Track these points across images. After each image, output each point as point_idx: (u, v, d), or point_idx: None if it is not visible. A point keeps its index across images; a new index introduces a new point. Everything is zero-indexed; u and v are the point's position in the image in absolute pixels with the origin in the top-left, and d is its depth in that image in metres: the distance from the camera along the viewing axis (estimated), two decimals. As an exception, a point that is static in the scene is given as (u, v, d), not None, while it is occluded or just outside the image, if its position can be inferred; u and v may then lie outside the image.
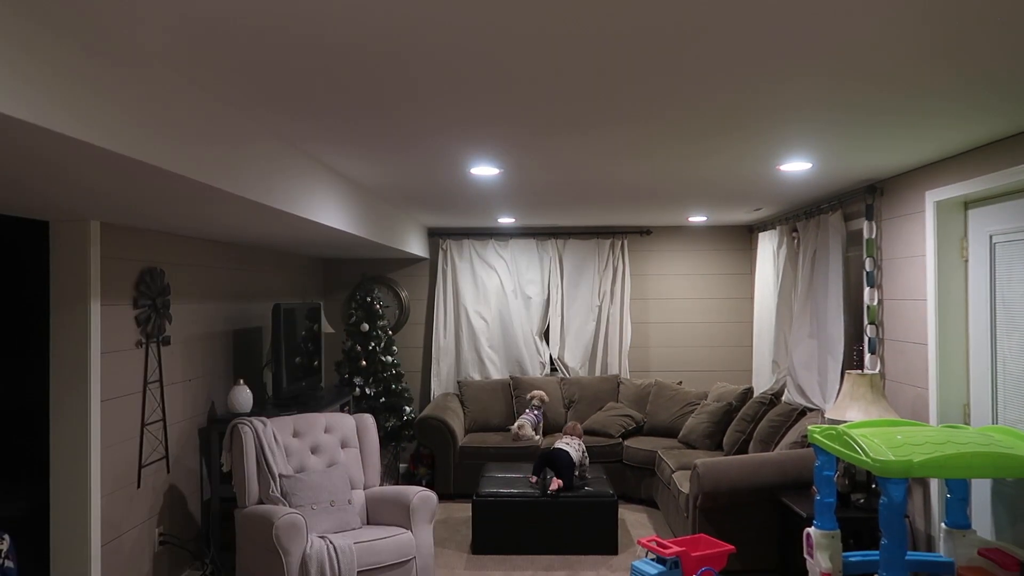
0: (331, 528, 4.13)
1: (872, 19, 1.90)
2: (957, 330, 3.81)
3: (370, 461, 4.63)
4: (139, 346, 4.01)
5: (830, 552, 3.47)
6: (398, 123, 2.93)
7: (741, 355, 7.21)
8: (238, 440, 4.13)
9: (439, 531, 5.45)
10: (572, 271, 7.19)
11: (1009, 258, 3.44)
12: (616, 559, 4.90)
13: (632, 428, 6.48)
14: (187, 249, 4.54)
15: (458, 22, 1.89)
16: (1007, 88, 2.54)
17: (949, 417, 3.80)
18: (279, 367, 5.03)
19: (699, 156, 3.65)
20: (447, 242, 7.20)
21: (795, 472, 4.46)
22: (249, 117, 2.82)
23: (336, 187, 4.08)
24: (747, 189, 4.77)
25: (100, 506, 3.64)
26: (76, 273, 3.55)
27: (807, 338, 5.29)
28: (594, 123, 2.96)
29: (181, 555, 4.48)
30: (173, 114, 2.29)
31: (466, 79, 2.36)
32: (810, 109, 2.77)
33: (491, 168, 3.92)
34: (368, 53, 2.11)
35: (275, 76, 2.31)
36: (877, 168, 4.05)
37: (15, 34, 1.62)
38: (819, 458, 3.54)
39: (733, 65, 2.25)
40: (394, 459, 6.67)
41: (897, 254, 4.27)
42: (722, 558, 4.05)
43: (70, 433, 3.55)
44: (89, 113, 1.87)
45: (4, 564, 2.97)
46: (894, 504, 2.91)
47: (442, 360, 7.17)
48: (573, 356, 7.17)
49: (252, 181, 2.91)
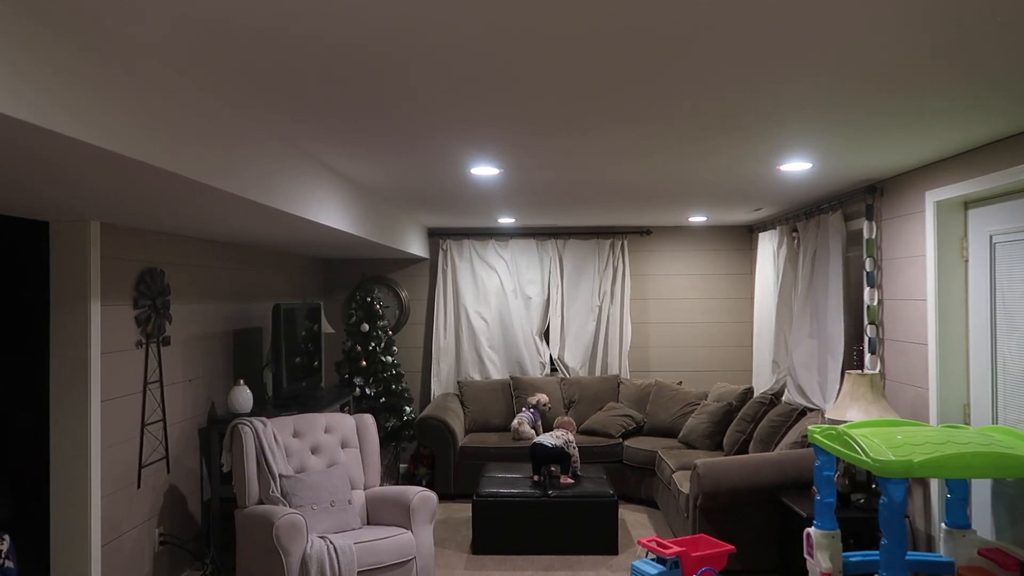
0: (331, 528, 4.13)
1: (872, 19, 1.90)
2: (957, 330, 3.81)
3: (370, 461, 4.63)
4: (139, 346, 4.01)
5: (830, 552, 3.47)
6: (398, 123, 2.94)
7: (741, 355, 7.21)
8: (238, 440, 4.13)
9: (439, 531, 5.45)
10: (572, 271, 7.19)
11: (1009, 258, 3.44)
12: (616, 559, 4.90)
13: (632, 428, 6.48)
14: (187, 249, 4.54)
15: (458, 22, 1.89)
16: (1007, 88, 2.54)
17: (949, 417, 3.80)
18: (279, 367, 5.03)
19: (699, 156, 3.65)
20: (447, 242, 7.20)
21: (795, 472, 4.46)
22: (249, 117, 2.82)
23: (336, 187, 4.08)
24: (747, 189, 4.77)
25: (100, 506, 3.64)
26: (76, 273, 3.55)
27: (807, 338, 5.29)
28: (594, 123, 2.96)
29: (181, 555, 4.48)
30: (173, 114, 2.29)
31: (466, 79, 2.36)
32: (810, 109, 2.77)
33: (491, 168, 3.93)
34: (368, 53, 2.11)
35: (275, 76, 2.31)
36: (877, 168, 4.05)
37: (15, 34, 1.62)
38: (819, 458, 3.54)
39: (733, 65, 2.25)
40: (394, 459, 6.67)
41: (897, 254, 4.27)
42: (722, 558, 4.05)
43: (70, 433, 3.55)
44: (89, 113, 1.87)
45: (4, 564, 2.97)
46: (894, 504, 2.91)
47: (442, 360, 7.17)
48: (573, 356, 7.16)
49: (252, 181, 2.91)
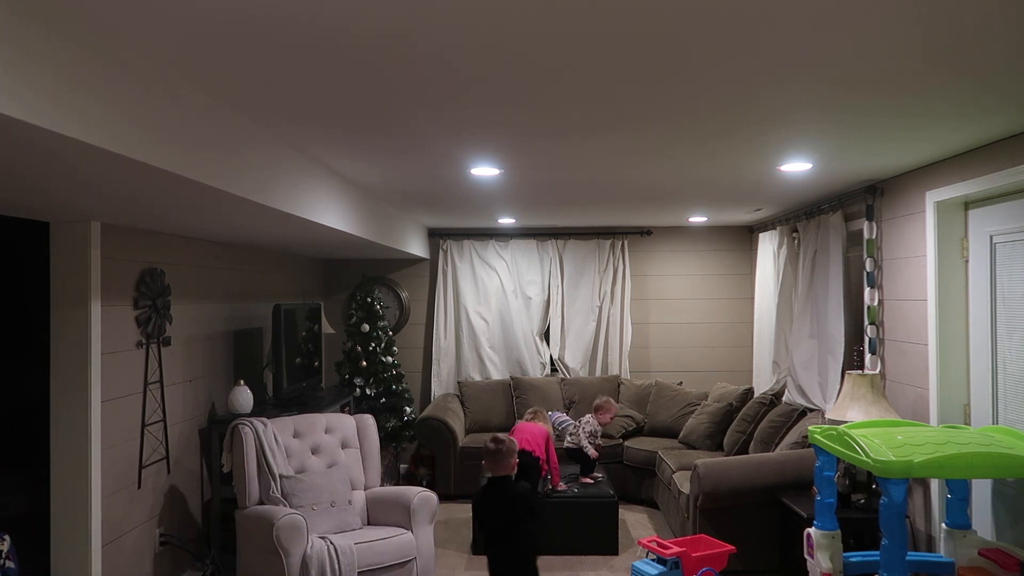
0: (331, 529, 4.12)
1: (872, 20, 1.90)
2: (957, 330, 3.81)
3: (370, 462, 4.63)
4: (139, 347, 4.01)
5: (830, 552, 3.47)
6: (399, 124, 2.94)
7: (741, 356, 7.21)
8: (238, 441, 4.13)
9: (440, 532, 5.45)
10: (572, 271, 7.19)
11: (1009, 258, 3.44)
12: (617, 559, 4.90)
13: (632, 429, 6.48)
14: (188, 250, 4.54)
15: (460, 24, 1.89)
16: (1007, 89, 2.54)
17: (949, 417, 3.80)
18: (279, 368, 5.03)
19: (700, 157, 3.65)
20: (447, 242, 7.20)
21: (795, 472, 4.46)
22: (250, 119, 2.82)
23: (336, 188, 4.08)
24: (747, 189, 4.77)
25: (100, 506, 3.64)
26: (76, 274, 3.55)
27: (807, 338, 5.29)
28: (595, 124, 2.96)
29: (182, 556, 4.48)
30: (175, 116, 2.29)
31: (468, 80, 2.36)
32: (811, 110, 2.77)
33: (491, 169, 3.93)
34: (369, 54, 2.11)
35: (276, 77, 2.31)
36: (877, 168, 4.05)
37: (15, 35, 1.62)
38: (819, 458, 3.54)
39: (734, 67, 2.25)
40: (394, 460, 6.67)
41: (897, 254, 4.27)
42: (722, 558, 4.05)
43: (70, 433, 3.55)
44: (90, 114, 1.87)
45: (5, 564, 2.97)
46: (894, 504, 2.90)
47: (442, 361, 7.17)
48: (573, 357, 7.16)
49: (253, 182, 2.91)
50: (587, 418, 5.52)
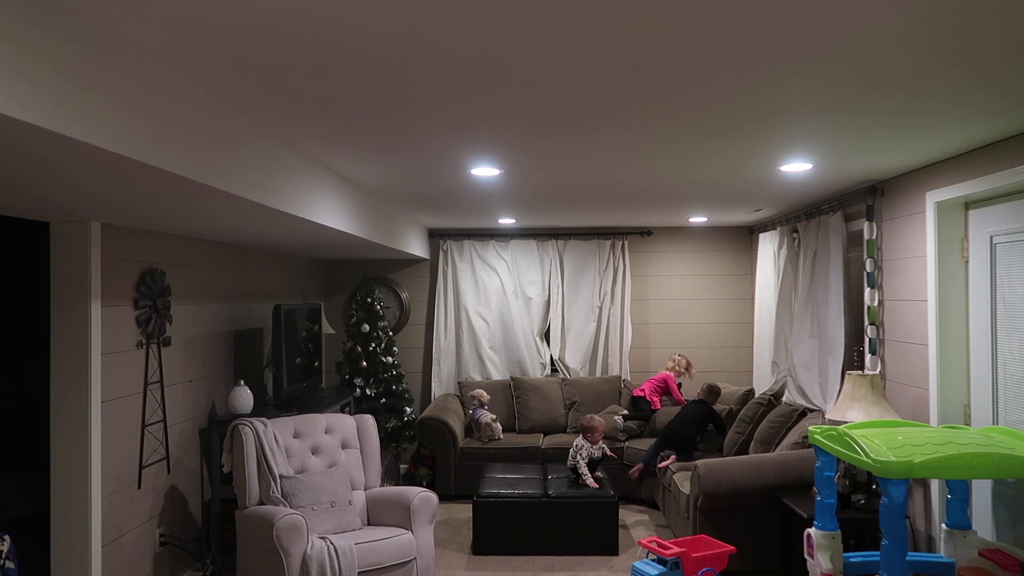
0: (332, 529, 4.12)
1: (872, 20, 1.90)
2: (958, 331, 3.81)
3: (371, 462, 4.63)
4: (140, 347, 4.01)
5: (831, 553, 3.47)
6: (399, 124, 2.94)
7: (742, 356, 7.21)
8: (239, 441, 4.13)
9: (440, 532, 5.45)
10: (573, 272, 7.19)
11: (1010, 258, 3.44)
12: (617, 560, 4.89)
13: (635, 433, 6.47)
14: (188, 250, 4.54)
15: (460, 23, 1.89)
16: (1007, 89, 2.54)
17: (950, 418, 3.80)
18: (280, 368, 5.03)
19: (700, 157, 3.65)
20: (447, 243, 7.20)
21: (796, 473, 4.46)
22: (250, 118, 2.82)
23: (336, 188, 4.08)
24: (748, 190, 4.77)
25: (101, 507, 3.64)
26: (76, 274, 3.55)
27: (807, 339, 5.29)
28: (595, 124, 2.96)
29: (182, 556, 4.48)
30: (174, 115, 2.29)
31: (468, 80, 2.37)
32: (811, 110, 2.77)
33: (492, 169, 3.92)
34: (369, 54, 2.12)
35: (276, 77, 2.32)
36: (877, 169, 4.05)
37: (16, 35, 1.62)
38: (820, 459, 3.54)
39: (735, 67, 2.25)
40: (395, 460, 6.67)
41: (898, 255, 4.27)
42: (723, 559, 4.05)
43: (70, 434, 3.55)
44: (91, 114, 1.87)
45: (5, 565, 2.97)
46: (895, 505, 2.90)
47: (443, 361, 7.16)
48: (574, 357, 7.16)
49: (253, 182, 2.91)
50: (578, 442, 5.38)
